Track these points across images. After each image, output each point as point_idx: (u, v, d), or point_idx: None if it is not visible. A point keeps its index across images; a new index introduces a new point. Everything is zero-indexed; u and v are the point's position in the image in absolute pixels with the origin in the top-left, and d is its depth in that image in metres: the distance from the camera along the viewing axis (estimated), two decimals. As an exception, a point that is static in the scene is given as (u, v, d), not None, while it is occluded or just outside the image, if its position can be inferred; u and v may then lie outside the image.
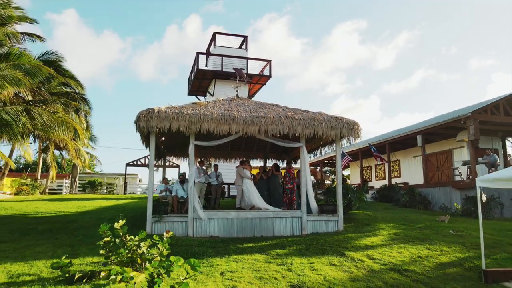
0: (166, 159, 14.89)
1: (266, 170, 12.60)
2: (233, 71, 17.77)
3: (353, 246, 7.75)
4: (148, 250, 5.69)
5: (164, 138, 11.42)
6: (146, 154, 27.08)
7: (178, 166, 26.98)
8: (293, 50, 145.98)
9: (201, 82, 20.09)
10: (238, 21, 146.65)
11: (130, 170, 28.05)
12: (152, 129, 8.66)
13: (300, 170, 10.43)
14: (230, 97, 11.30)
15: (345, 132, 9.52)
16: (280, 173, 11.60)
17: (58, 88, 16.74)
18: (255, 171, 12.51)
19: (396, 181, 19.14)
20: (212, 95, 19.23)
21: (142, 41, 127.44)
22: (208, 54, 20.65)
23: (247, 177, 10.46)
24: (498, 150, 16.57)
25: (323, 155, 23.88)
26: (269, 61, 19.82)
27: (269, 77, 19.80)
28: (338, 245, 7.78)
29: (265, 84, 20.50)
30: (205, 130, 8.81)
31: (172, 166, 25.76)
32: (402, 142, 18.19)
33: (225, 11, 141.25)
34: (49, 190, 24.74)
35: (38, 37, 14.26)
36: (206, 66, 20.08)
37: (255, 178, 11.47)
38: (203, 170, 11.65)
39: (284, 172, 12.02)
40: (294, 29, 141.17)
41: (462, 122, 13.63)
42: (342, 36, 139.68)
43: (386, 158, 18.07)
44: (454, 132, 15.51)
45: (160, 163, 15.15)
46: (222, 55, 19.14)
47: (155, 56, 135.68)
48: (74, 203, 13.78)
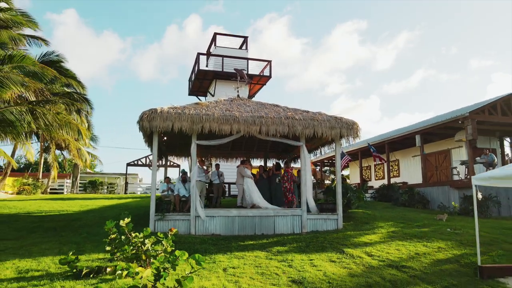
0: (167, 159, 15.05)
1: (266, 170, 12.76)
2: (233, 72, 17.95)
3: (352, 243, 7.91)
4: (152, 246, 5.86)
5: (166, 138, 11.58)
6: (146, 154, 27.28)
7: (178, 166, 27.16)
8: (293, 50, 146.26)
9: (201, 82, 20.25)
10: (238, 21, 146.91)
11: (130, 170, 28.25)
12: (154, 129, 8.81)
13: (300, 170, 10.59)
14: (231, 97, 11.46)
15: (344, 132, 9.69)
16: (280, 172, 11.75)
17: (60, 88, 16.89)
18: (255, 171, 12.66)
19: (395, 180, 19.32)
20: (212, 95, 19.39)
21: (142, 41, 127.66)
22: (208, 54, 20.81)
23: (248, 176, 10.62)
24: (496, 149, 16.75)
25: (323, 155, 24.09)
26: (269, 61, 19.99)
27: (269, 77, 19.96)
28: (338, 242, 7.94)
29: (265, 84, 20.67)
30: (207, 130, 8.98)
31: (172, 166, 25.93)
32: (401, 142, 18.37)
33: (225, 11, 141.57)
34: (50, 189, 24.89)
35: (42, 40, 14.41)
36: (207, 66, 20.24)
37: (255, 177, 11.62)
38: (203, 169, 11.80)
39: (283, 171, 12.17)
40: (294, 29, 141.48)
41: (460, 122, 13.80)
42: (342, 36, 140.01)
43: (385, 158, 18.24)
44: (453, 132, 15.68)
45: (161, 163, 15.33)
46: (222, 56, 19.30)
47: (155, 56, 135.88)
48: (77, 202, 13.93)
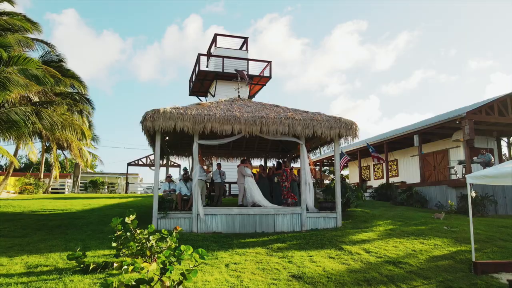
0: (169, 159, 15.23)
1: (266, 169, 12.95)
2: (234, 72, 18.14)
3: (350, 240, 8.10)
4: (157, 243, 6.06)
5: (167, 138, 11.76)
6: (147, 154, 27.51)
7: (179, 166, 27.37)
8: (293, 51, 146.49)
9: (202, 83, 20.42)
10: (239, 21, 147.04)
11: (130, 169, 28.48)
12: (157, 128, 9.00)
13: (300, 169, 10.78)
14: (232, 98, 11.64)
15: (343, 131, 9.88)
16: (281, 171, 11.94)
17: (61, 89, 17.06)
18: (255, 171, 12.85)
19: (394, 180, 19.51)
20: (213, 96, 19.57)
21: (142, 41, 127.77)
22: (209, 55, 20.99)
23: (248, 175, 10.80)
24: (493, 149, 16.94)
25: (323, 155, 24.31)
26: (269, 62, 20.17)
27: (269, 78, 20.14)
28: (337, 239, 8.13)
29: (265, 84, 20.84)
30: (208, 130, 9.17)
31: (173, 166, 26.13)
32: (400, 142, 18.55)
33: (225, 11, 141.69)
34: (51, 189, 25.05)
35: (47, 43, 14.62)
36: (207, 67, 20.41)
37: (255, 176, 11.81)
38: (204, 168, 11.98)
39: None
40: (294, 29, 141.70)
41: (458, 122, 13.98)
42: (342, 37, 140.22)
43: (384, 158, 18.43)
44: (450, 132, 15.87)
45: (162, 163, 15.50)
46: (223, 56, 19.47)
47: (155, 56, 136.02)
48: (79, 201, 14.11)
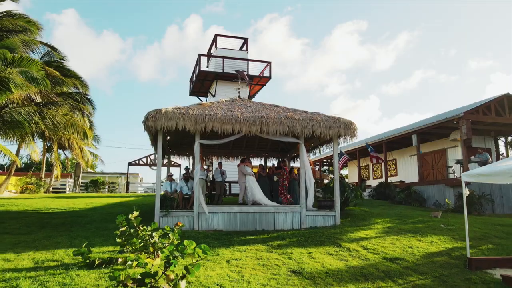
0: (170, 158, 15.39)
1: (266, 169, 13.12)
2: (234, 73, 18.31)
3: (349, 238, 8.27)
4: (160, 239, 6.22)
5: (168, 138, 11.92)
6: (147, 154, 27.70)
7: (179, 166, 27.54)
8: (293, 51, 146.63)
9: (202, 83, 20.58)
10: (239, 21, 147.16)
11: (131, 169, 28.68)
12: (159, 128, 9.15)
13: (299, 168, 10.94)
14: (233, 98, 11.81)
15: (342, 131, 10.05)
16: (281, 170, 12.12)
17: (64, 89, 17.22)
18: (255, 170, 13.01)
19: (392, 179, 19.69)
20: (213, 96, 19.74)
21: (142, 41, 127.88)
22: (209, 56, 21.16)
23: (249, 173, 10.97)
24: (491, 149, 17.12)
25: (322, 155, 24.46)
26: (269, 62, 20.34)
27: (269, 78, 20.30)
28: (335, 237, 8.30)
29: (265, 85, 21.01)
30: (209, 130, 9.33)
31: (173, 166, 26.28)
32: (398, 142, 18.72)
33: (225, 12, 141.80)
34: (52, 189, 25.21)
35: (51, 47, 14.79)
36: (208, 67, 20.58)
37: (255, 175, 11.97)
38: (204, 168, 12.16)
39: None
40: (294, 29, 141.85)
41: (455, 122, 14.17)
42: (342, 37, 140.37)
43: (382, 157, 18.60)
44: (448, 131, 16.04)
45: (163, 162, 15.65)
46: (223, 57, 19.64)
47: (155, 56, 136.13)
48: (82, 200, 14.27)
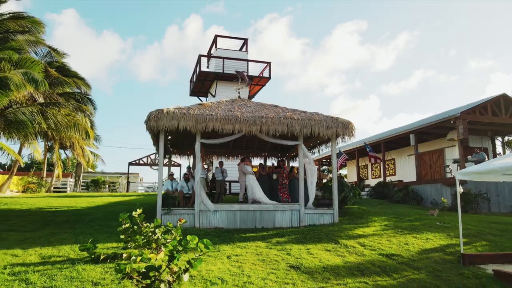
0: (171, 158, 15.59)
1: (266, 168, 13.31)
2: (234, 73, 18.51)
3: (346, 235, 8.47)
4: (162, 236, 6.41)
5: (170, 137, 12.12)
6: (147, 154, 27.91)
7: (179, 165, 27.74)
8: (293, 51, 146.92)
9: (203, 83, 20.77)
10: (239, 21, 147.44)
11: (131, 169, 28.91)
12: (161, 128, 9.35)
13: (299, 167, 11.13)
14: (233, 98, 12.01)
15: (340, 131, 10.25)
16: (280, 169, 12.32)
17: (66, 89, 17.41)
18: (255, 169, 13.20)
19: (391, 179, 19.87)
20: (213, 96, 19.92)
21: (142, 41, 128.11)
22: (209, 56, 21.34)
23: (249, 172, 11.16)
24: (488, 148, 17.32)
25: (321, 155, 24.65)
26: (268, 63, 20.52)
27: (268, 78, 20.48)
28: (333, 234, 8.50)
29: (264, 85, 21.20)
30: (210, 129, 9.53)
31: (173, 165, 26.48)
32: (397, 141, 18.93)
33: (226, 12, 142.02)
34: (53, 188, 25.39)
35: (52, 49, 14.99)
36: (208, 68, 20.77)
37: (255, 174, 12.16)
38: (204, 167, 12.36)
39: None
40: (294, 29, 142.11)
41: (452, 122, 14.37)
42: (343, 37, 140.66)
43: (381, 157, 18.80)
44: (446, 131, 16.25)
45: (164, 162, 15.84)
46: (223, 58, 19.82)
47: (155, 56, 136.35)
48: (84, 199, 14.46)
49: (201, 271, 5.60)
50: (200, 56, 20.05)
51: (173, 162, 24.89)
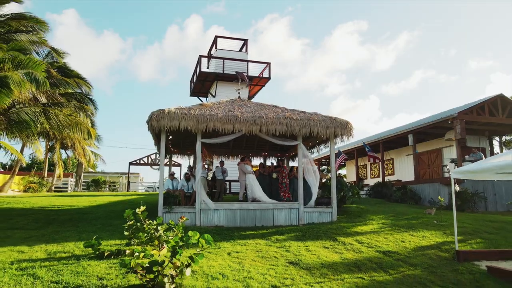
0: (172, 158, 15.74)
1: (265, 167, 13.48)
2: (234, 74, 18.69)
3: (344, 233, 8.64)
4: (164, 233, 6.58)
5: (171, 137, 12.28)
6: (147, 154, 28.08)
7: (180, 165, 27.90)
8: (293, 51, 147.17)
9: (203, 83, 20.94)
10: (240, 21, 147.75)
11: (131, 169, 29.08)
12: (162, 128, 9.52)
13: (298, 167, 11.29)
14: (233, 98, 12.17)
15: (338, 131, 10.42)
16: (280, 168, 12.48)
17: (68, 90, 17.58)
18: (254, 169, 13.37)
19: (390, 178, 20.03)
20: (214, 96, 20.09)
21: (143, 41, 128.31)
22: (210, 57, 21.51)
23: (249, 172, 11.32)
24: (486, 148, 17.49)
25: (320, 155, 24.83)
26: (268, 63, 20.69)
27: (268, 78, 20.65)
28: (331, 232, 8.66)
29: (264, 85, 21.37)
30: (211, 129, 9.69)
31: (174, 165, 26.63)
32: (395, 141, 19.09)
33: (226, 12, 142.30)
34: (54, 188, 25.53)
35: (55, 50, 15.14)
36: (208, 68, 20.94)
37: (255, 173, 12.33)
38: (205, 167, 12.51)
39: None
40: (295, 29, 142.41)
41: (450, 122, 14.54)
42: (343, 37, 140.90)
43: (379, 157, 18.97)
44: (444, 131, 16.41)
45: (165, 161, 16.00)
46: (223, 58, 19.99)
47: (155, 56, 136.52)
48: (85, 199, 14.62)
49: (202, 267, 5.76)
50: (200, 56, 20.23)
51: (173, 162, 25.08)
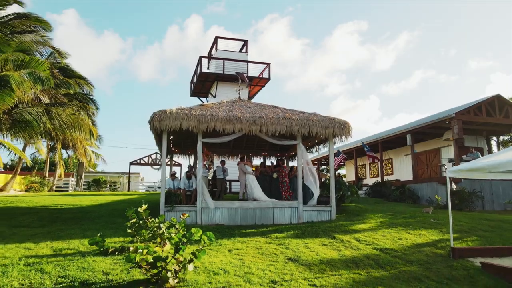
0: (172, 157, 15.92)
1: (265, 167, 13.65)
2: (234, 74, 18.86)
3: (343, 231, 8.81)
4: (167, 230, 6.74)
5: (172, 137, 12.44)
6: (148, 153, 28.24)
7: (180, 165, 28.06)
8: (293, 51, 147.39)
9: (203, 84, 21.12)
10: (240, 21, 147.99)
11: (132, 169, 29.24)
12: (164, 128, 9.69)
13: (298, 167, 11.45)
14: (233, 99, 12.35)
15: (337, 131, 10.60)
16: (280, 168, 12.66)
17: (70, 91, 17.72)
18: (254, 168, 13.56)
19: (388, 178, 20.23)
20: (214, 97, 20.27)
21: (143, 41, 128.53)
22: (210, 57, 21.69)
23: (249, 172, 11.49)
24: (483, 148, 17.68)
25: (320, 154, 25.01)
26: (268, 64, 20.86)
27: (268, 79, 20.83)
28: (330, 230, 8.83)
29: (264, 86, 21.54)
30: (211, 129, 9.86)
31: (174, 165, 26.80)
32: (394, 141, 19.28)
33: (226, 12, 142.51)
34: (55, 187, 25.70)
35: (56, 50, 15.28)
36: (208, 69, 21.12)
37: (256, 172, 12.52)
38: (206, 166, 12.69)
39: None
40: (295, 30, 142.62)
41: (447, 122, 14.72)
42: (343, 37, 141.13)
43: (378, 157, 19.15)
44: (442, 131, 16.60)
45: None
46: (223, 59, 20.17)
47: (155, 56, 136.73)
48: (87, 198, 14.79)
49: (204, 263, 5.93)
50: (200, 57, 20.41)
51: (174, 162, 25.24)
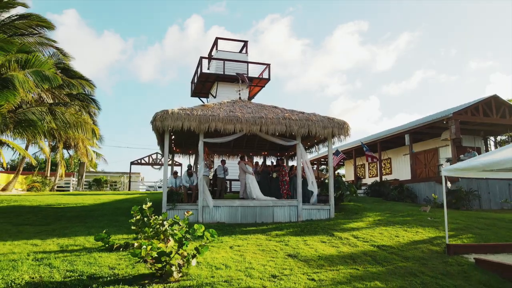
0: (174, 157, 16.10)
1: (265, 166, 13.84)
2: (234, 75, 19.04)
3: (341, 228, 9.00)
4: (170, 227, 6.93)
5: (173, 137, 12.63)
6: (149, 153, 28.42)
7: (180, 165, 28.24)
8: (294, 51, 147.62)
9: (204, 84, 21.30)
10: (240, 22, 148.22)
11: (132, 169, 29.42)
12: (166, 128, 9.88)
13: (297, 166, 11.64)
14: (234, 99, 12.54)
15: (336, 131, 10.79)
16: (280, 167, 12.85)
17: (73, 91, 17.91)
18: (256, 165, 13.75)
19: (387, 177, 20.42)
20: (214, 97, 20.45)
21: (143, 41, 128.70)
22: (210, 58, 21.86)
23: (249, 172, 11.67)
24: (481, 148, 17.87)
25: (319, 154, 25.21)
26: (268, 64, 21.05)
27: (268, 79, 21.01)
28: (329, 228, 9.03)
29: (264, 86, 21.73)
30: (212, 129, 10.05)
31: (175, 165, 26.96)
32: (393, 141, 19.46)
33: (227, 12, 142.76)
34: (57, 187, 25.88)
35: (59, 51, 15.50)
36: (209, 69, 21.30)
37: (258, 168, 12.74)
38: (207, 165, 12.88)
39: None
40: (295, 30, 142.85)
41: (445, 122, 14.91)
42: (343, 37, 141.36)
43: (377, 157, 19.33)
44: (440, 131, 16.79)
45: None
46: (224, 59, 20.35)
47: (156, 57, 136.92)
48: (90, 197, 14.98)
49: (206, 259, 6.12)
50: (201, 58, 20.59)
51: (174, 162, 25.42)
